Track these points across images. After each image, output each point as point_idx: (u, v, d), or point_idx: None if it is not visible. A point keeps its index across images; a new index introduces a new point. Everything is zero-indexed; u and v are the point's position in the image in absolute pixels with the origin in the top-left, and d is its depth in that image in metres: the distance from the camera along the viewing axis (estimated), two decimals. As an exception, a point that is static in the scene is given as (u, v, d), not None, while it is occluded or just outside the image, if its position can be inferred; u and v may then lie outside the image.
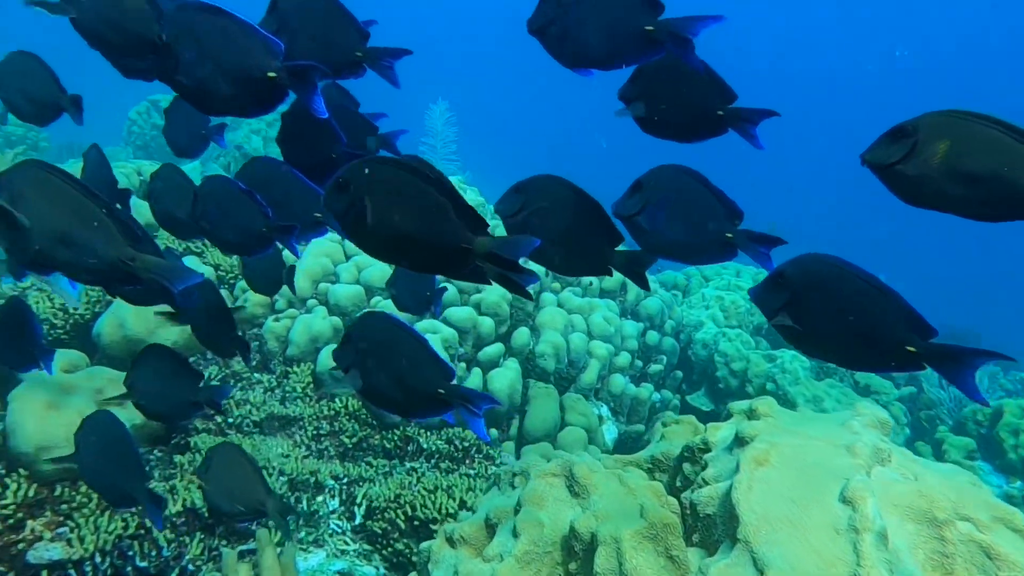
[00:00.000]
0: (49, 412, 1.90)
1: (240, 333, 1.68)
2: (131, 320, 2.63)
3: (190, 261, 3.12)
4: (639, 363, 3.52)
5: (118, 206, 1.22)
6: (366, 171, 0.96)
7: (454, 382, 1.12)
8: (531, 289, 3.30)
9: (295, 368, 2.85)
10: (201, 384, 1.51)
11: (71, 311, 2.78)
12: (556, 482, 1.55)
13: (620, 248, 1.26)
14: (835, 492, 1.22)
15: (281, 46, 1.12)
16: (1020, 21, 21.55)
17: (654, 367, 3.59)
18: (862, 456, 1.32)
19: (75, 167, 2.03)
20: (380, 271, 3.16)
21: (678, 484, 1.61)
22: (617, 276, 3.75)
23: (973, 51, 23.08)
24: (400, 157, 1.04)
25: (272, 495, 1.43)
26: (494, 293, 3.17)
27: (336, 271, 3.20)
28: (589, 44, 1.17)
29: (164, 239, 3.10)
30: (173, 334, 2.80)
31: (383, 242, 0.99)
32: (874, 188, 1.03)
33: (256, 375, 2.85)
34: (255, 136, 6.55)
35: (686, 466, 1.58)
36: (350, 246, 3.38)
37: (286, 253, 2.08)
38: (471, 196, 4.84)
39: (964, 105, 0.91)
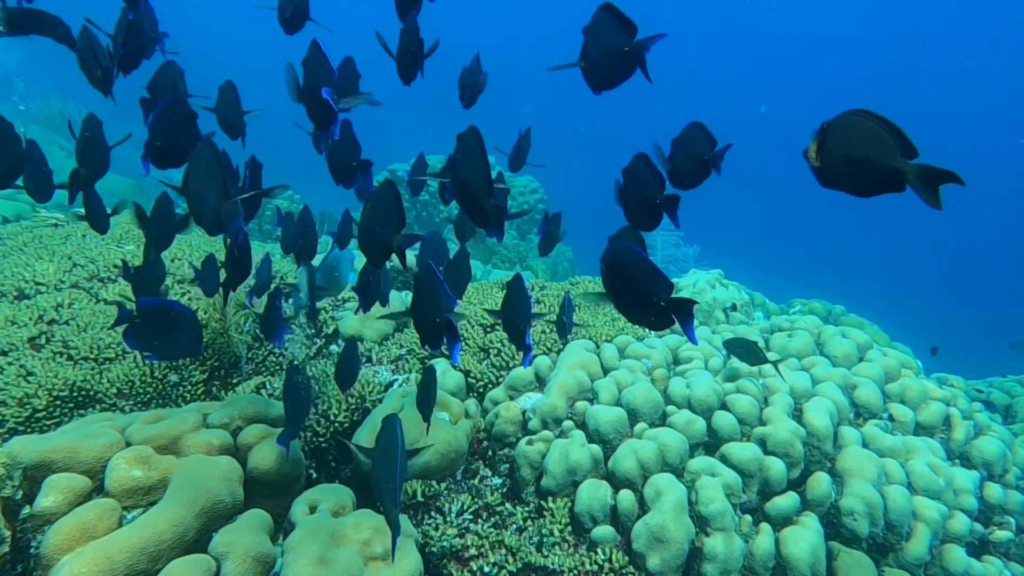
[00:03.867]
0: (319, 568, 1.71)
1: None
2: (389, 438, 2.49)
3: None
4: (980, 527, 2.67)
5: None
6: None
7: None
8: (824, 423, 2.66)
9: (551, 503, 2.51)
10: None
11: (332, 419, 2.73)
12: None
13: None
14: None
15: (334, 81, 1.70)
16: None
17: (1000, 534, 2.71)
18: None
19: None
20: (644, 390, 2.75)
21: None
22: (937, 407, 2.95)
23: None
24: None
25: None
26: (784, 428, 2.59)
27: (594, 387, 2.85)
28: (599, 68, 1.51)
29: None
30: (425, 455, 2.63)
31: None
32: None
33: (508, 506, 2.55)
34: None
35: None
36: (606, 357, 3.02)
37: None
38: (732, 292, 4.31)
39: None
